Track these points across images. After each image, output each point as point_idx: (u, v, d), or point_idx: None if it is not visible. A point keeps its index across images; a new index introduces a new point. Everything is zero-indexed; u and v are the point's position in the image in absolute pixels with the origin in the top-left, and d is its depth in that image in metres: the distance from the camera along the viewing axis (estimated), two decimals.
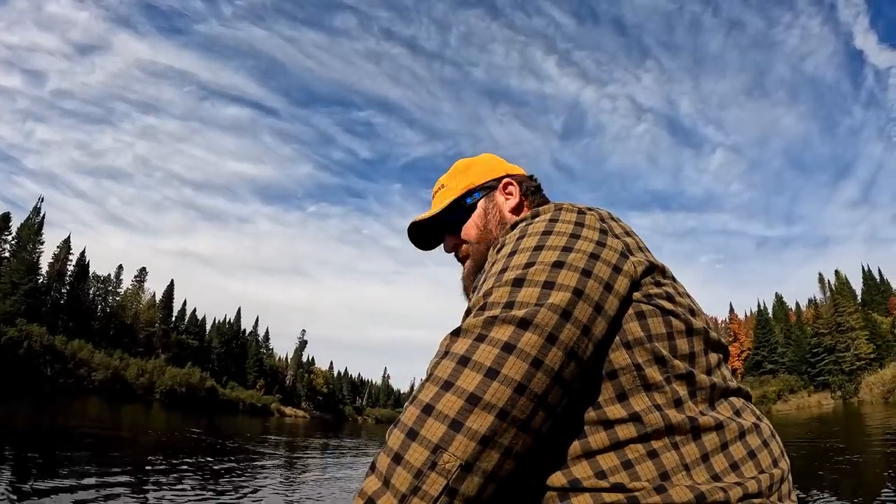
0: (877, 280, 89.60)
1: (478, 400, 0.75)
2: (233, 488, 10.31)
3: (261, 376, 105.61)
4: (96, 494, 8.05)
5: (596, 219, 1.01)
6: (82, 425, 22.04)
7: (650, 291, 0.97)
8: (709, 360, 0.98)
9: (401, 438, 0.77)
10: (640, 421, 0.88)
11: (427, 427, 0.76)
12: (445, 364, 0.80)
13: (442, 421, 0.75)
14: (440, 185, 1.41)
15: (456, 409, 0.75)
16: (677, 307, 0.97)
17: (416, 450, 0.74)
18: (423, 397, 0.79)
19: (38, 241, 69.97)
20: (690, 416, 0.90)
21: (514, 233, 1.01)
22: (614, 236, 0.99)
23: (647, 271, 0.98)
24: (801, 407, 70.51)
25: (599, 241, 0.95)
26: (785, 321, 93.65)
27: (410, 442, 0.75)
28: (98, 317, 77.75)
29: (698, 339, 0.97)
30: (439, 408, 0.76)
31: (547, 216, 1.01)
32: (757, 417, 0.99)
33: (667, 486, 0.85)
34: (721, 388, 0.96)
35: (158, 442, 19.66)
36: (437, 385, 0.78)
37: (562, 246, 0.92)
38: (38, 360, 52.30)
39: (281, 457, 19.03)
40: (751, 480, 0.88)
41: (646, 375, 0.91)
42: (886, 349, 72.52)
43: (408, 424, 0.77)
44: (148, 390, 64.62)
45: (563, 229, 0.96)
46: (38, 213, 72.76)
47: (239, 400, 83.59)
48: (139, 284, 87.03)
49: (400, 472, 0.74)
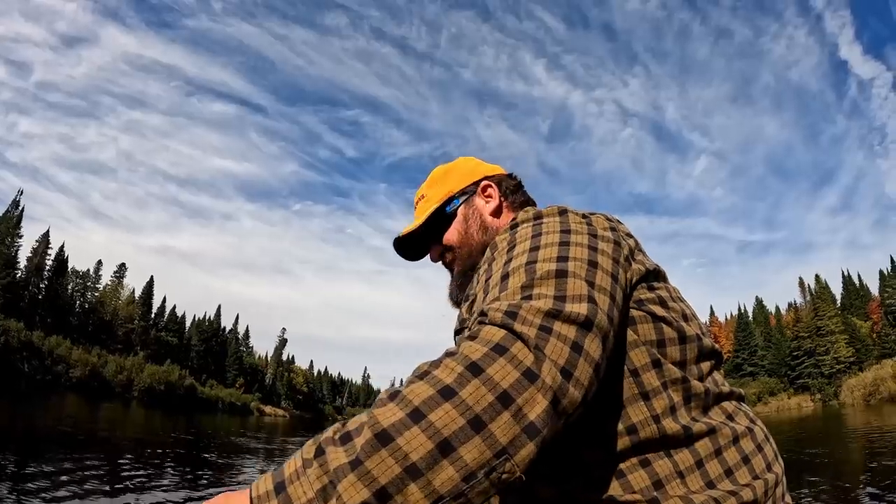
0: (856, 285, 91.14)
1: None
2: (210, 487, 10.09)
3: (240, 375, 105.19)
4: (72, 493, 7.80)
5: (604, 219, 1.01)
6: (59, 423, 21.67)
7: (641, 296, 0.96)
8: (701, 366, 0.97)
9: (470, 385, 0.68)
10: (636, 433, 0.87)
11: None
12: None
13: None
14: (420, 195, 1.40)
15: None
16: (670, 312, 0.97)
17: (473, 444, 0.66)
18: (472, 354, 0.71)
19: (17, 235, 69.27)
20: (684, 423, 0.89)
21: (527, 230, 0.97)
22: (626, 236, 1.00)
23: (643, 276, 0.97)
24: (781, 409, 71.04)
25: (616, 241, 0.95)
26: (765, 324, 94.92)
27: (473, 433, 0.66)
28: (76, 313, 76.82)
29: (691, 346, 0.96)
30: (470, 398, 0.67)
31: (556, 217, 0.99)
32: (751, 420, 0.99)
33: (660, 497, 0.84)
34: (714, 393, 0.95)
35: (136, 440, 19.32)
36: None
37: (587, 244, 0.90)
38: (16, 356, 51.47)
39: (260, 456, 18.76)
40: (745, 489, 0.86)
41: (643, 381, 0.90)
42: (866, 353, 73.57)
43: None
44: (126, 388, 63.91)
45: (581, 229, 0.94)
46: (17, 206, 71.99)
47: (218, 398, 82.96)
48: (118, 280, 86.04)
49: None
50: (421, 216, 1.34)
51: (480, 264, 1.05)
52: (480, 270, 1.02)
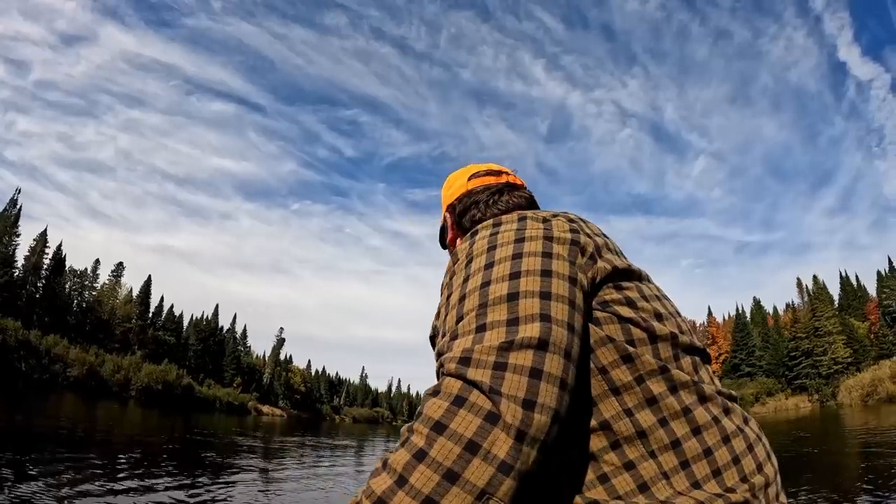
0: (854, 286, 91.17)
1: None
2: (208, 486, 10.05)
3: (238, 374, 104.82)
4: (69, 493, 7.77)
5: (564, 221, 1.01)
6: (57, 422, 21.56)
7: (607, 297, 0.96)
8: (681, 363, 0.96)
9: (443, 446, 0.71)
10: (610, 429, 0.88)
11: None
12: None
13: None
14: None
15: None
16: (638, 313, 0.96)
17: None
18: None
19: (14, 234, 69.04)
20: (663, 417, 0.89)
21: (483, 243, 0.98)
22: (587, 235, 0.99)
23: (609, 275, 0.97)
24: (779, 409, 71.13)
25: (573, 241, 0.96)
26: (763, 325, 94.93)
27: (448, 484, 0.69)
28: (74, 312, 76.52)
29: (664, 345, 0.95)
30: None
31: (514, 225, 1.00)
32: (742, 420, 0.98)
33: (645, 501, 0.84)
34: (699, 391, 0.94)
35: (134, 439, 19.25)
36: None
37: (541, 252, 0.92)
38: (13, 356, 51.27)
39: (258, 455, 18.73)
40: (733, 490, 0.86)
41: (612, 378, 0.90)
42: (863, 353, 73.68)
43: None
44: (123, 387, 63.58)
45: (537, 234, 0.96)
46: (14, 205, 71.85)
47: (215, 398, 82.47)
48: (116, 279, 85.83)
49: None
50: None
51: (446, 272, 1.05)
52: (444, 280, 1.03)
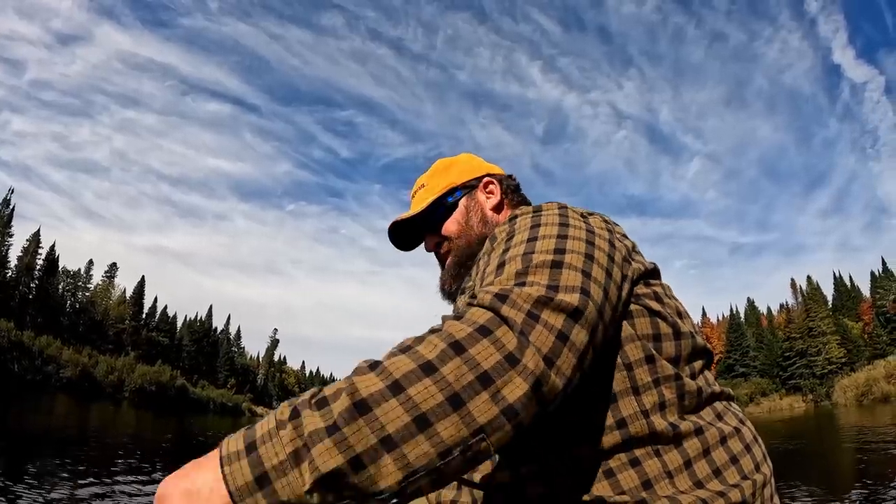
0: (848, 287, 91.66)
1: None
2: None
3: (232, 375, 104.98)
4: (62, 494, 7.67)
5: (601, 220, 1.01)
6: (50, 423, 21.48)
7: (639, 292, 0.96)
8: (693, 365, 0.97)
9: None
10: (626, 427, 0.87)
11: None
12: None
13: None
14: (420, 184, 1.42)
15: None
16: (665, 308, 0.97)
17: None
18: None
19: (7, 234, 68.84)
20: (672, 420, 0.89)
21: (526, 221, 0.98)
22: (620, 237, 1.00)
23: (642, 274, 0.98)
24: (773, 410, 71.12)
25: (611, 241, 0.95)
26: (757, 325, 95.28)
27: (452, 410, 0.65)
28: (67, 312, 76.29)
29: (686, 342, 0.97)
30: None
31: (555, 211, 0.99)
32: (739, 421, 0.99)
33: (648, 498, 0.84)
34: (705, 392, 0.95)
35: (127, 441, 19.14)
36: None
37: (584, 238, 0.90)
38: (6, 357, 50.97)
39: None
40: (733, 489, 0.86)
41: (635, 376, 0.90)
42: (857, 354, 73.95)
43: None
44: (117, 388, 63.28)
45: (579, 224, 0.94)
46: (7, 205, 71.57)
47: (209, 399, 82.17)
48: (109, 280, 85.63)
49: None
50: (420, 204, 1.35)
51: (480, 256, 1.05)
52: (480, 263, 1.02)
